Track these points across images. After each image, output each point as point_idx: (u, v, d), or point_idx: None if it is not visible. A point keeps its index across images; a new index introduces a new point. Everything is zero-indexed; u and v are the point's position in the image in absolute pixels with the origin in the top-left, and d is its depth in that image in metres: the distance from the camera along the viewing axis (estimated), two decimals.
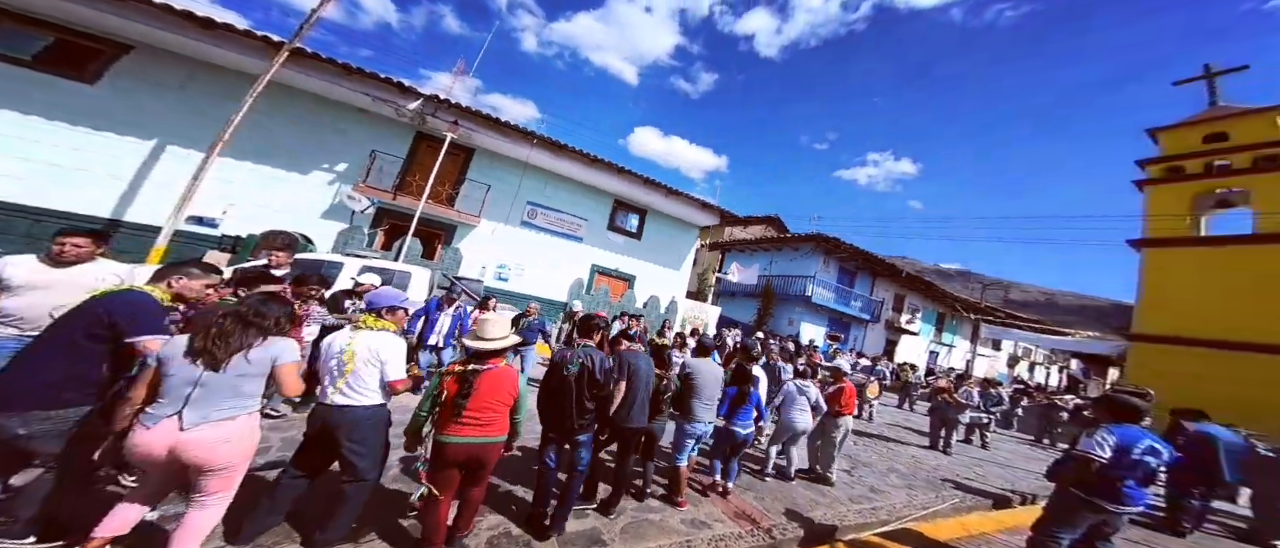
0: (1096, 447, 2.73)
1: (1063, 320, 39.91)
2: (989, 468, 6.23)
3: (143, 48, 7.31)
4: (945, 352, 21.03)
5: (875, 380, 9.13)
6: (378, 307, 2.20)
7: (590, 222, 12.01)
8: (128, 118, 7.26)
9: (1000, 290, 27.34)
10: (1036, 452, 8.50)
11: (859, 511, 3.85)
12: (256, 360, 1.69)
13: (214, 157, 6.58)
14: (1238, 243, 11.33)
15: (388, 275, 6.55)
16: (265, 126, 8.08)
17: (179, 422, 1.57)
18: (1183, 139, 12.80)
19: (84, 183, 6.99)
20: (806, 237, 16.99)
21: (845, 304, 17.06)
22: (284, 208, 8.36)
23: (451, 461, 2.02)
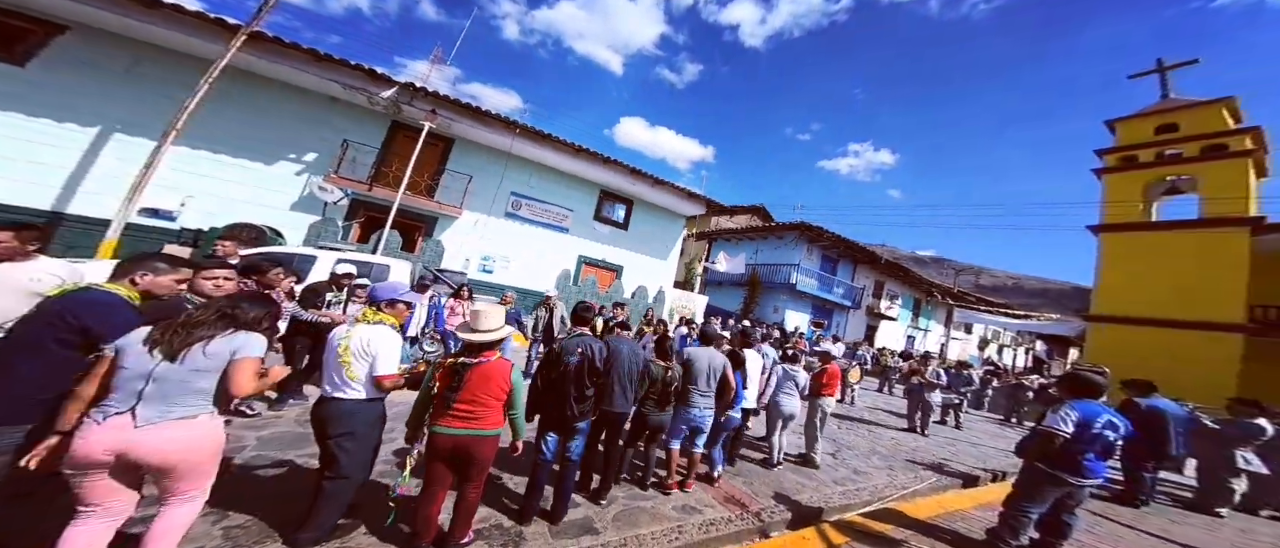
0: (1060, 422, 2.84)
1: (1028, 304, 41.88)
2: (961, 447, 6.46)
3: (80, 28, 6.60)
4: (922, 336, 21.80)
5: (857, 365, 9.36)
6: (378, 300, 2.13)
7: (576, 212, 11.78)
8: (65, 102, 6.58)
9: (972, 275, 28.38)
10: (1006, 430, 8.87)
11: (843, 492, 3.94)
12: (213, 353, 1.54)
13: (167, 145, 6.08)
14: (1184, 227, 12.09)
15: (365, 268, 6.27)
16: (226, 114, 7.51)
17: (132, 418, 1.41)
18: (1137, 130, 13.48)
19: (17, 173, 6.34)
20: (791, 225, 17.17)
21: (828, 291, 17.40)
22: (249, 200, 7.86)
23: (441, 451, 1.97)
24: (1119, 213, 13.21)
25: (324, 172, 8.34)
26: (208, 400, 1.56)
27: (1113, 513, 4.46)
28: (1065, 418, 2.84)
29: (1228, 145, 11.94)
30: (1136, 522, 4.31)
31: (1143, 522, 4.33)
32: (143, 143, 6.62)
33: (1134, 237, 12.89)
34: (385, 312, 2.10)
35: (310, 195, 8.24)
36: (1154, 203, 13.41)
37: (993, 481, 5.17)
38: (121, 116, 6.91)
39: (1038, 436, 2.96)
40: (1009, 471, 5.39)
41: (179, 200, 7.30)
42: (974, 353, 22.43)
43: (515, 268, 10.73)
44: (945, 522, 3.71)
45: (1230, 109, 12.40)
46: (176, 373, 1.48)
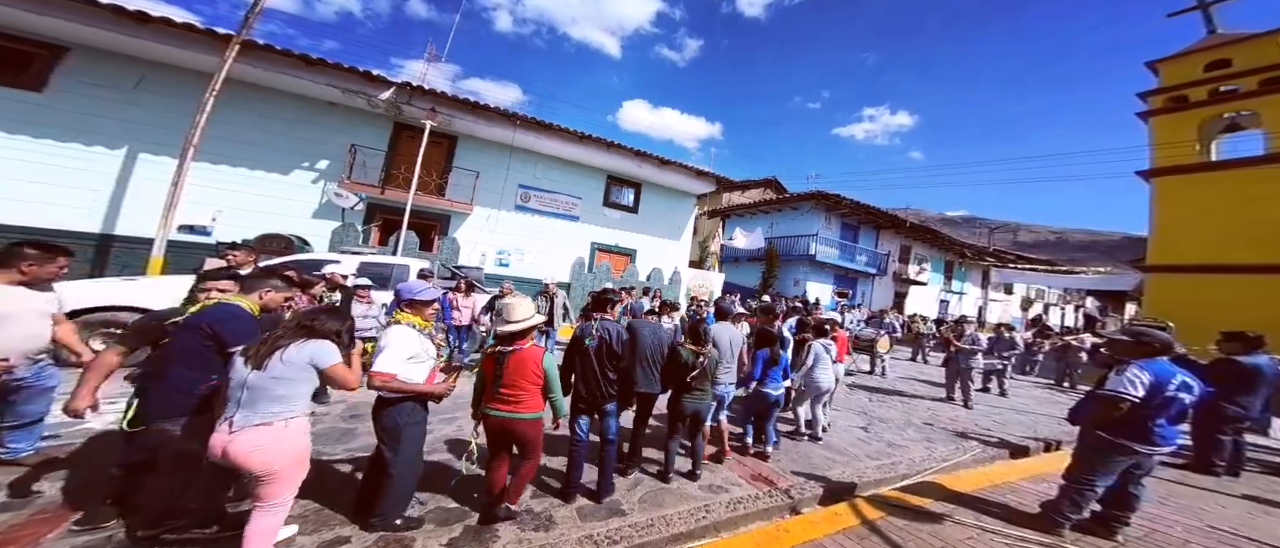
0: (1128, 385, 2.42)
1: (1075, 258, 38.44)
2: (1007, 416, 5.89)
3: (80, 49, 6.73)
4: (956, 300, 20.42)
5: (885, 334, 8.76)
6: (403, 300, 2.19)
7: (585, 200, 11.55)
8: (87, 125, 6.83)
9: (1009, 233, 26.19)
10: (1057, 396, 8.10)
11: (878, 466, 3.61)
12: (290, 361, 1.64)
13: (188, 162, 6.27)
14: (1252, 165, 10.79)
15: (386, 270, 6.34)
16: (236, 128, 7.66)
17: (230, 424, 1.57)
18: (1184, 69, 12.24)
19: (63, 198, 6.67)
20: (806, 195, 16.29)
21: (850, 259, 16.50)
22: (274, 210, 8.11)
23: (493, 432, 2.21)
24: (1172, 155, 11.98)
25: (337, 177, 8.47)
26: (288, 407, 1.63)
27: (1191, 481, 3.89)
28: (1134, 381, 2.42)
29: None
30: (1220, 488, 3.74)
31: (1226, 490, 3.74)
32: (167, 162, 6.85)
33: (1193, 179, 11.67)
34: (406, 312, 2.14)
35: (328, 202, 8.41)
36: (1212, 142, 12.09)
37: (1046, 451, 4.65)
38: (143, 136, 7.14)
39: (1099, 401, 2.54)
40: (1063, 440, 4.83)
41: (210, 215, 7.61)
42: (1016, 314, 20.83)
43: (530, 259, 10.69)
44: (992, 494, 3.30)
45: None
46: (262, 381, 1.60)
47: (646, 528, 2.35)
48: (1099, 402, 2.55)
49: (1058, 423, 5.72)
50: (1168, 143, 11.95)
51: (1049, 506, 2.81)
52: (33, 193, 6.50)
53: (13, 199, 6.36)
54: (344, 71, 7.55)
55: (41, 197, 6.55)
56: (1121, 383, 2.45)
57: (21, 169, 6.47)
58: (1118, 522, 2.70)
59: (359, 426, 3.33)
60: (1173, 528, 2.96)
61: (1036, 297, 23.28)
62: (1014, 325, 9.71)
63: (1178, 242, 11.49)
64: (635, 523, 2.38)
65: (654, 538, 2.29)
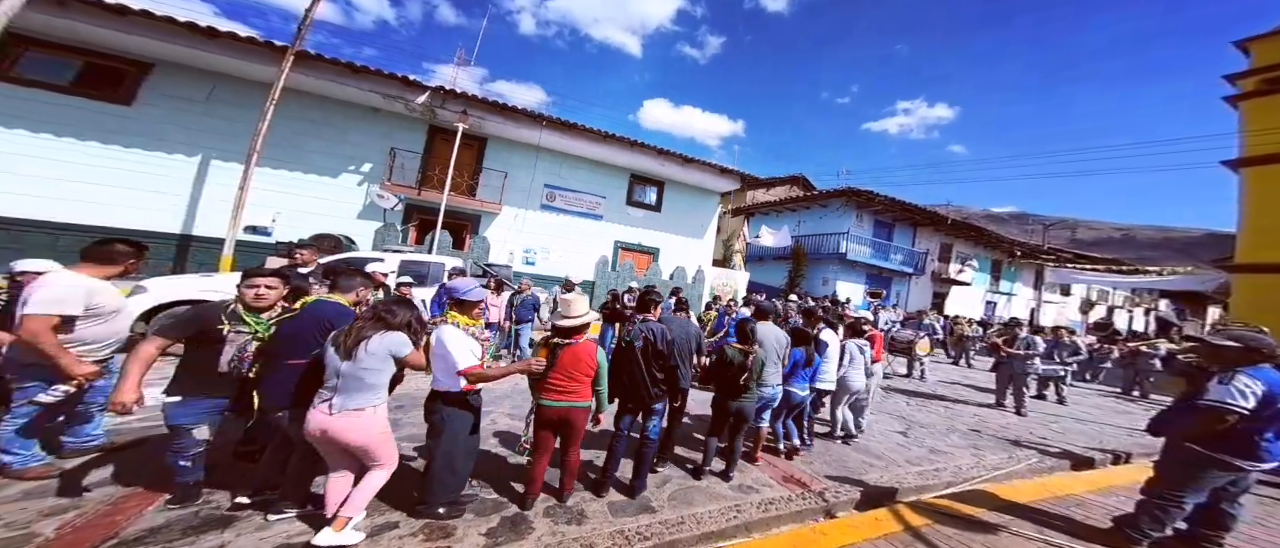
0: (1238, 395, 2.14)
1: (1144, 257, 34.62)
2: (1067, 425, 5.37)
3: (163, 65, 7.52)
4: (1005, 301, 18.91)
5: (925, 336, 8.22)
6: (453, 299, 2.27)
7: (608, 199, 11.63)
8: (167, 135, 7.59)
9: (1066, 230, 23.94)
10: (1124, 405, 7.31)
11: (919, 472, 3.39)
12: (374, 352, 1.80)
13: (252, 168, 6.85)
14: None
15: (423, 268, 6.65)
16: (290, 134, 8.28)
17: (330, 406, 1.76)
18: (1277, 48, 10.65)
19: (148, 201, 7.45)
20: (836, 192, 15.60)
21: (884, 258, 15.66)
22: (325, 212, 8.70)
23: (545, 421, 2.27)
24: (1265, 142, 10.50)
25: (379, 179, 8.97)
26: (376, 395, 1.84)
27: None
28: (1244, 391, 2.15)
29: None
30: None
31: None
32: (234, 168, 7.51)
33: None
34: (454, 311, 2.20)
35: (372, 204, 8.93)
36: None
37: (1115, 463, 4.20)
38: (214, 144, 7.87)
39: (1201, 412, 2.25)
40: (1135, 452, 4.35)
41: (271, 217, 8.27)
42: (1074, 317, 19.00)
43: (555, 258, 10.88)
44: (1054, 506, 2.99)
45: None
46: (354, 370, 1.77)
47: (677, 526, 2.33)
48: (1199, 413, 2.26)
49: (1128, 434, 5.14)
50: (1261, 129, 10.54)
51: (1125, 520, 2.51)
52: (124, 197, 7.33)
53: (106, 203, 7.19)
54: (384, 77, 8.01)
55: (131, 201, 7.37)
56: (1229, 393, 2.17)
57: (114, 176, 7.31)
58: (1209, 543, 2.38)
59: (402, 416, 3.44)
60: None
61: (1099, 299, 21.12)
62: (1073, 328, 8.85)
63: (1273, 238, 10.13)
64: (665, 520, 2.36)
65: (684, 536, 2.26)
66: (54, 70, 7.10)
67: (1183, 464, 2.33)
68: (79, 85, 7.22)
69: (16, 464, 2.07)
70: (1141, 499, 2.48)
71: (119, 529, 1.79)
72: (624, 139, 10.30)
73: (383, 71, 7.92)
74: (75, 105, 7.10)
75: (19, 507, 1.89)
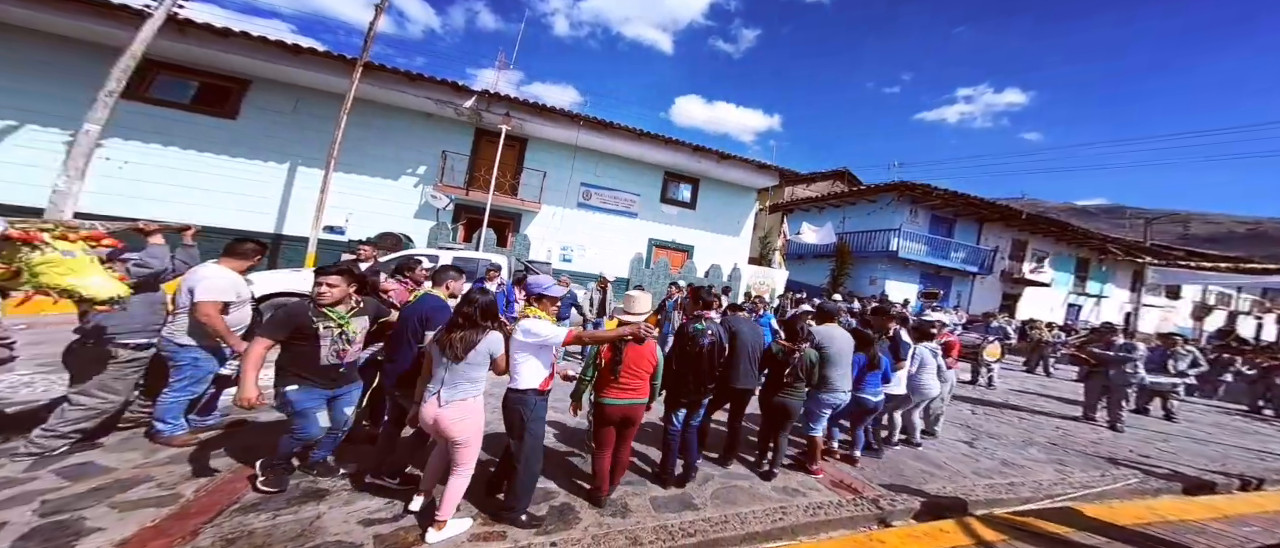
0: None
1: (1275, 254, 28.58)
2: (1180, 443, 4.61)
3: (258, 81, 8.62)
4: (1092, 304, 16.53)
5: (995, 340, 7.38)
6: (533, 294, 2.26)
7: (643, 196, 11.68)
8: (262, 145, 8.70)
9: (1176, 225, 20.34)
10: (1253, 425, 6.13)
11: (989, 485, 3.06)
12: (479, 351, 1.93)
13: (331, 173, 7.69)
14: None
15: (473, 265, 7.07)
16: (358, 141, 9.16)
17: (438, 400, 1.88)
18: None
19: (250, 205, 8.60)
20: (886, 186, 14.50)
21: (942, 256, 14.29)
22: (388, 212, 9.54)
23: (608, 419, 2.30)
24: None
25: (432, 181, 9.68)
26: (477, 387, 1.96)
27: None
28: None
29: None
30: None
31: None
32: (314, 173, 8.46)
33: None
34: (535, 306, 2.21)
35: (426, 204, 9.66)
36: None
37: (1243, 489, 3.52)
38: (299, 152, 8.90)
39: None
40: (1267, 477, 3.64)
41: (344, 217, 9.21)
42: (1184, 324, 16.16)
43: (591, 255, 11.10)
44: (1166, 533, 2.56)
45: None
46: (460, 368, 1.91)
47: (721, 524, 2.30)
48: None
49: (1259, 458, 4.28)
50: None
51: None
52: (228, 201, 8.50)
53: (215, 207, 8.37)
54: (437, 84, 8.65)
55: (234, 205, 8.53)
56: None
57: (222, 182, 8.51)
58: None
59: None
60: None
61: (1218, 302, 17.77)
62: (1184, 335, 7.51)
63: None
64: (709, 518, 2.34)
65: (728, 535, 2.23)
66: (176, 90, 8.42)
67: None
68: (196, 103, 8.51)
69: (167, 432, 2.38)
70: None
71: (239, 496, 2.04)
72: (659, 137, 10.29)
73: (435, 78, 8.56)
74: (193, 121, 8.37)
75: (166, 470, 2.19)
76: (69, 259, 1.93)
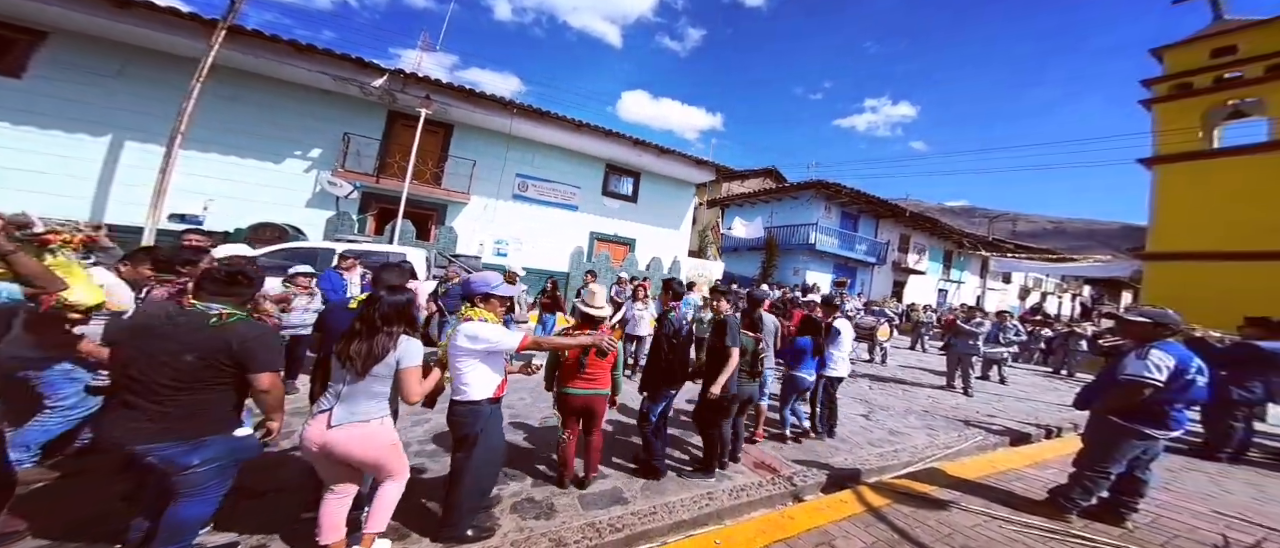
0: (1151, 369, 2.32)
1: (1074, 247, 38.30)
2: (1008, 403, 5.81)
3: (60, 34, 6.45)
4: (954, 289, 20.31)
5: (885, 322, 8.67)
6: (478, 294, 1.99)
7: (584, 189, 11.35)
8: (69, 112, 6.59)
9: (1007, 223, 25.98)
10: (1056, 383, 8.03)
11: (880, 453, 3.55)
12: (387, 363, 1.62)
13: (176, 149, 6.05)
14: (1257, 152, 10.72)
15: (380, 257, 6.20)
16: (227, 115, 7.43)
17: (327, 419, 1.57)
18: (1189, 56, 12.10)
19: (51, 185, 6.44)
20: (806, 184, 16.06)
21: (850, 248, 16.35)
22: (267, 200, 7.90)
23: (571, 409, 2.41)
24: (1174, 142, 11.97)
25: (331, 167, 8.25)
26: (381, 404, 1.67)
27: (1194, 467, 3.81)
28: (1158, 365, 2.33)
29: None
30: (1223, 476, 3.65)
31: (1229, 477, 3.65)
32: (154, 149, 6.59)
33: (1195, 166, 11.64)
34: (479, 306, 1.95)
35: (323, 191, 8.21)
36: (1215, 129, 12.06)
37: (1047, 437, 4.58)
38: (128, 122, 6.90)
39: (1122, 386, 2.43)
40: (1063, 426, 4.79)
41: (201, 204, 7.42)
42: (1015, 303, 20.75)
43: (528, 249, 10.53)
44: (997, 481, 3.21)
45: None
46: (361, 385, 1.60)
47: (649, 516, 2.30)
48: (1121, 387, 2.44)
49: (1058, 410, 5.64)
50: (1170, 130, 11.90)
51: (1058, 491, 2.72)
52: (19, 180, 6.30)
53: None
54: (334, 58, 7.29)
55: (27, 184, 6.35)
56: (1145, 367, 2.35)
57: (4, 157, 6.26)
58: (1126, 508, 2.62)
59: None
60: (1181, 514, 2.88)
61: (1034, 286, 23.18)
62: (1012, 313, 9.63)
63: (1178, 229, 11.46)
64: (638, 511, 2.34)
65: (656, 526, 2.24)
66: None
67: (1108, 436, 2.53)
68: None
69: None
70: (1073, 472, 2.68)
71: None
72: (599, 128, 10.01)
73: (333, 52, 7.21)
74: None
75: None
76: (68, 264, 1.87)
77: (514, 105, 9.01)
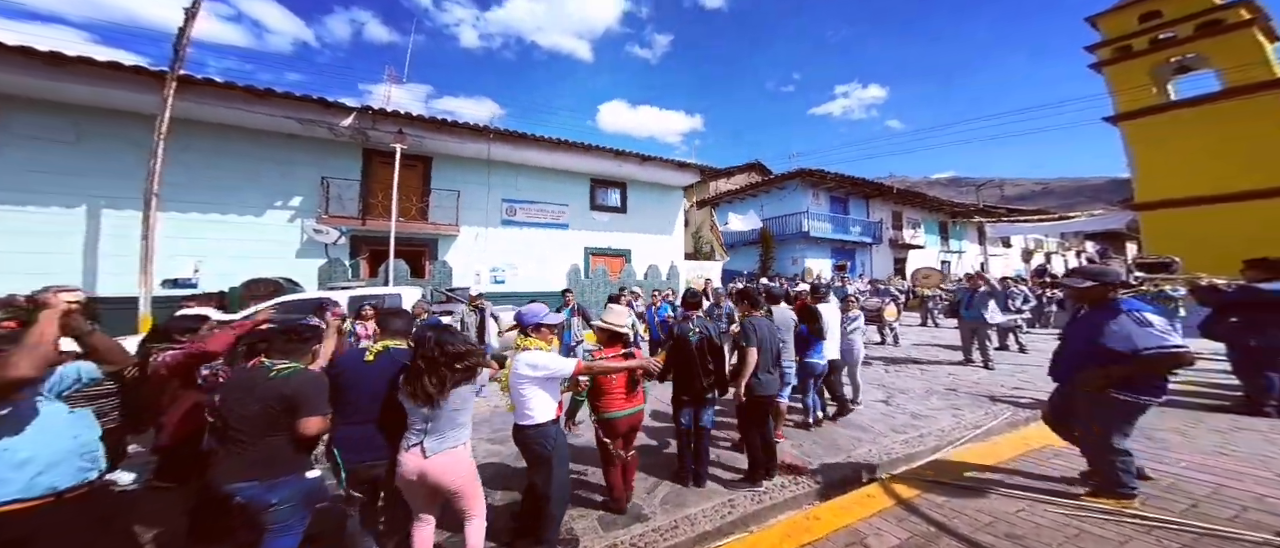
0: (1170, 337, 2.11)
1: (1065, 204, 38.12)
2: (1033, 373, 5.43)
3: (6, 101, 6.16)
4: (956, 259, 20.06)
5: (892, 302, 8.41)
6: (529, 326, 2.18)
7: (572, 206, 11.25)
8: (37, 185, 6.39)
9: (995, 189, 25.87)
10: None
11: (905, 441, 3.32)
12: (462, 392, 1.74)
13: (154, 213, 5.95)
14: (1211, 101, 10.79)
15: (378, 301, 6.04)
16: (200, 171, 7.35)
17: (422, 451, 1.67)
18: (1120, 22, 12.39)
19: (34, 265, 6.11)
20: (790, 174, 16.02)
21: (844, 231, 16.21)
22: (256, 254, 7.77)
23: (616, 431, 2.33)
24: (1132, 100, 12.13)
25: (314, 213, 8.15)
26: (464, 432, 1.76)
27: (1245, 425, 3.48)
28: (1167, 330, 2.14)
29: (1223, 19, 10.77)
30: (1276, 433, 3.30)
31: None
32: (132, 214, 6.42)
33: (1159, 119, 11.68)
34: (532, 337, 2.14)
35: (310, 240, 8.10)
36: (1168, 83, 12.14)
37: None
38: (99, 189, 6.72)
39: (1150, 360, 2.11)
40: None
41: (192, 267, 7.30)
42: (1020, 266, 20.44)
43: (524, 273, 10.38)
44: (1035, 462, 2.92)
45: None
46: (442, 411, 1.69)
47: (670, 531, 2.21)
48: (1149, 362, 2.10)
49: None
50: (1125, 90, 12.07)
51: (1105, 484, 2.40)
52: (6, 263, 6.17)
53: None
54: (295, 100, 7.19)
55: (14, 266, 6.19)
56: (1161, 338, 2.08)
57: None
58: None
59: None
60: (1242, 480, 2.57)
61: (1036, 247, 22.89)
62: (1020, 276, 9.35)
63: (1160, 179, 11.46)
64: (658, 527, 2.24)
65: (680, 540, 2.14)
66: None
67: (1120, 416, 2.23)
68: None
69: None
70: (1099, 466, 2.35)
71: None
72: (577, 144, 9.96)
73: (293, 94, 7.11)
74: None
75: None
76: None
77: (489, 130, 8.97)
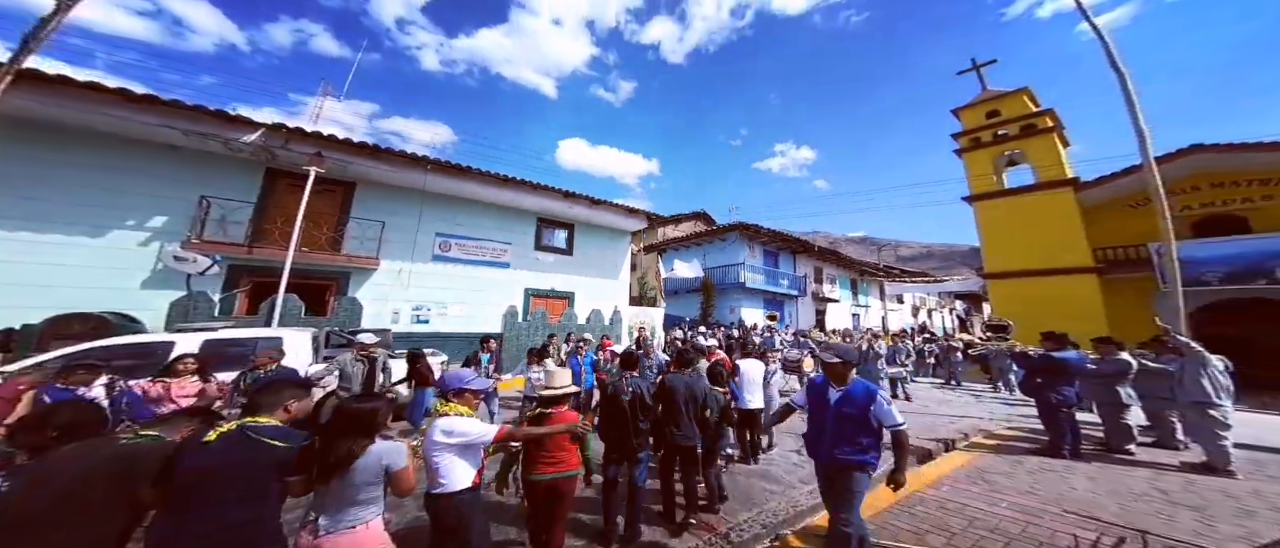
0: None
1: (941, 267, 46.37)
2: (915, 419, 6.10)
3: None
4: (864, 312, 22.83)
5: (809, 354, 9.12)
6: (452, 390, 2.10)
7: (515, 244, 10.73)
8: None
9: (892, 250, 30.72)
10: (948, 394, 8.85)
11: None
12: (367, 467, 1.62)
13: None
14: (1028, 192, 13.97)
15: (248, 345, 4.91)
16: (32, 182, 5.73)
17: (314, 531, 1.58)
18: (974, 116, 15.55)
19: None
20: (731, 226, 17.24)
21: (775, 284, 17.60)
22: (83, 284, 5.99)
23: (540, 496, 2.24)
24: (981, 184, 15.22)
25: (180, 237, 6.64)
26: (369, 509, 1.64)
27: (1048, 467, 4.23)
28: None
29: (1036, 124, 14.07)
30: (1069, 473, 4.07)
31: (1073, 473, 4.09)
32: None
33: (996, 203, 14.63)
34: (453, 402, 2.05)
35: (165, 268, 6.51)
36: (1003, 173, 15.40)
37: (946, 451, 4.80)
38: None
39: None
40: (957, 439, 5.12)
41: None
42: (909, 321, 23.90)
43: (454, 312, 9.42)
44: (903, 509, 3.27)
45: (1029, 96, 14.68)
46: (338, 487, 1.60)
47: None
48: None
49: (952, 421, 6.08)
50: (976, 174, 15.20)
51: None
52: None
53: None
54: (184, 110, 6.02)
55: None
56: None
57: None
58: None
59: None
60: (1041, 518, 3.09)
61: (920, 304, 27.17)
62: (907, 331, 10.84)
63: (1000, 252, 14.29)
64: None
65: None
66: None
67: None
68: None
69: None
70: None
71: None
72: (526, 182, 9.69)
73: (181, 103, 5.94)
74: None
75: None
76: None
77: (427, 161, 8.35)
